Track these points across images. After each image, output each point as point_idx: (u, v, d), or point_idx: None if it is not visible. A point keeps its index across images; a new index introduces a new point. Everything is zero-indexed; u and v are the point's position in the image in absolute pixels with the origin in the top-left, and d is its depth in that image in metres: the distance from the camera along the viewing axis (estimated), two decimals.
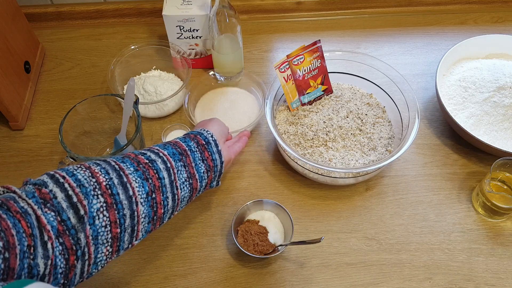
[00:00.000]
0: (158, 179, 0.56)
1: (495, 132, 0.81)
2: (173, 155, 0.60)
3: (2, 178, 0.84)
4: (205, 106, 0.90)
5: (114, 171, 0.53)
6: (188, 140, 0.64)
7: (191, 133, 0.66)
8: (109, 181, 0.52)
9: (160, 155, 0.59)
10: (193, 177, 0.61)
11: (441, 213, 0.78)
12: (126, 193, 0.52)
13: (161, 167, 0.57)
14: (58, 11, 1.07)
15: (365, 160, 0.78)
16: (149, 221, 0.56)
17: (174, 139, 0.64)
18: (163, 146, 0.61)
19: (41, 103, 0.95)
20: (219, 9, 0.80)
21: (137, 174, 0.55)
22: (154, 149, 0.60)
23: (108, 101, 0.82)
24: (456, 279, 0.71)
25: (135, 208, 0.53)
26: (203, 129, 0.67)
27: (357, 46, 1.03)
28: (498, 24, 1.07)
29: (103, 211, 0.50)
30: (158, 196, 0.56)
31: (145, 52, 0.94)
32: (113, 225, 0.51)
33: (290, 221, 0.72)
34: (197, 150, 0.63)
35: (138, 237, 0.55)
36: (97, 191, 0.50)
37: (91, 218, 0.49)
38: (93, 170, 0.52)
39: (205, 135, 0.66)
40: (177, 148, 0.61)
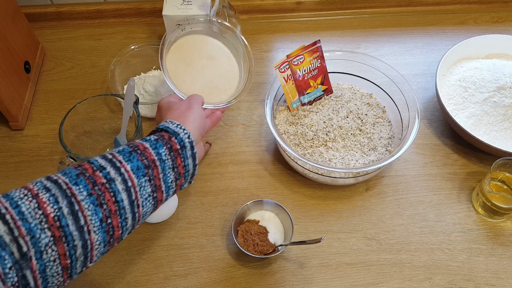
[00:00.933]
0: (115, 202, 0.51)
1: (495, 132, 0.81)
2: (137, 171, 0.53)
3: (2, 178, 0.84)
4: (180, 55, 0.77)
5: (65, 198, 0.48)
6: (160, 145, 0.56)
7: (167, 131, 0.58)
8: (57, 212, 0.47)
9: (121, 171, 0.52)
10: (159, 189, 0.56)
11: (441, 213, 0.78)
12: (77, 224, 0.48)
13: (120, 188, 0.51)
14: (58, 11, 1.07)
15: (365, 160, 0.78)
16: (105, 245, 0.52)
17: (144, 142, 0.56)
18: (129, 156, 0.54)
19: (41, 103, 0.95)
20: (219, 9, 0.80)
21: (90, 200, 0.49)
22: (117, 161, 0.53)
23: (108, 101, 0.82)
24: (456, 279, 0.71)
25: (87, 237, 0.49)
26: (180, 126, 0.59)
27: (357, 46, 1.03)
28: (498, 24, 1.07)
29: (52, 245, 0.46)
30: (115, 220, 0.51)
31: (145, 52, 0.94)
32: (63, 258, 0.47)
33: (290, 221, 0.72)
34: (169, 158, 0.56)
35: (92, 261, 0.51)
36: (43, 225, 0.46)
37: (38, 253, 0.45)
38: (40, 200, 0.47)
39: (182, 136, 0.58)
40: (143, 160, 0.54)
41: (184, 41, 0.79)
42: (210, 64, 0.78)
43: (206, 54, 0.79)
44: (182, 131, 0.59)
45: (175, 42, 0.78)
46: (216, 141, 0.88)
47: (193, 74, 0.76)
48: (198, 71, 0.77)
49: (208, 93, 0.75)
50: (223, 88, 0.78)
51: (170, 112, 0.63)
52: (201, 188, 0.82)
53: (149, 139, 0.57)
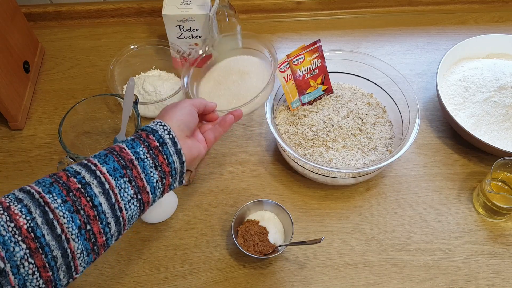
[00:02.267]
0: (93, 207, 0.49)
1: (496, 132, 0.80)
2: (113, 172, 0.51)
3: (2, 178, 0.84)
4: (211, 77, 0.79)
5: (38, 208, 0.46)
6: (136, 144, 0.54)
7: (143, 131, 0.56)
8: (31, 223, 0.45)
9: (96, 174, 0.50)
10: (143, 190, 0.53)
11: (442, 213, 0.78)
12: (53, 233, 0.46)
13: (96, 192, 0.49)
14: (58, 11, 1.06)
15: (366, 160, 0.78)
16: (88, 253, 0.49)
17: (120, 144, 0.54)
18: (104, 158, 0.52)
19: (41, 103, 0.94)
20: (219, 9, 0.80)
21: (65, 207, 0.47)
22: (92, 165, 0.51)
23: (107, 101, 0.81)
24: (457, 280, 0.71)
25: (67, 246, 0.47)
26: (159, 123, 0.56)
27: (357, 45, 1.03)
28: (498, 24, 1.07)
29: (28, 258, 0.44)
30: (95, 226, 0.49)
31: (145, 51, 0.94)
32: (42, 270, 0.45)
33: (290, 221, 0.71)
34: (148, 157, 0.53)
35: (78, 271, 0.49)
36: (17, 237, 0.44)
37: (15, 267, 0.43)
38: (12, 212, 0.45)
39: (160, 133, 0.55)
40: (120, 161, 0.52)
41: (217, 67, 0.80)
42: (240, 79, 0.77)
43: (237, 70, 0.79)
44: (161, 127, 0.56)
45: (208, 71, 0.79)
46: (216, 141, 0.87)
47: (221, 90, 0.76)
48: (227, 86, 0.77)
49: (233, 104, 0.74)
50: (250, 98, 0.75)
51: (162, 111, 0.61)
52: (201, 188, 0.81)
53: (126, 140, 0.55)
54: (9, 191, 0.84)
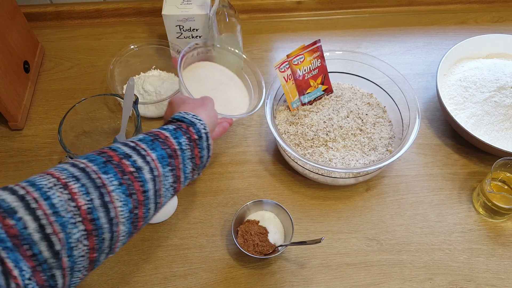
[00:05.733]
0: (143, 192, 0.49)
1: (496, 132, 0.80)
2: (161, 159, 0.52)
3: (2, 178, 0.84)
4: (194, 75, 0.81)
5: (96, 189, 0.45)
6: (179, 135, 0.55)
7: (182, 121, 0.57)
8: (89, 204, 0.44)
9: (147, 160, 0.50)
10: (178, 180, 0.55)
11: (442, 214, 0.78)
12: (108, 216, 0.45)
13: (148, 178, 0.50)
14: (58, 11, 1.06)
15: (366, 160, 0.78)
16: (128, 236, 0.50)
17: (163, 130, 0.55)
18: (151, 143, 0.52)
19: (41, 103, 0.94)
20: (219, 9, 0.80)
21: (120, 190, 0.47)
22: (141, 149, 0.51)
23: (107, 101, 0.81)
24: (457, 280, 0.71)
25: (116, 229, 0.47)
26: (196, 117, 0.58)
27: (357, 45, 1.03)
28: (498, 24, 1.07)
29: (83, 240, 0.43)
30: (141, 211, 0.49)
31: (145, 51, 0.94)
32: (91, 252, 0.45)
33: (290, 222, 0.71)
34: (188, 148, 0.55)
35: (113, 252, 0.49)
36: (76, 218, 0.43)
37: (69, 250, 0.42)
38: (71, 190, 0.43)
39: (199, 126, 0.57)
40: (166, 149, 0.53)
41: (200, 64, 0.82)
42: (220, 88, 0.80)
43: (218, 79, 0.82)
44: (198, 121, 0.58)
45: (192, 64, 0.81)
46: (216, 141, 0.87)
47: (204, 91, 0.77)
48: (208, 90, 0.78)
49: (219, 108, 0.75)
50: (233, 108, 0.79)
51: (184, 105, 0.62)
52: (201, 188, 0.81)
53: (168, 128, 0.55)
54: None
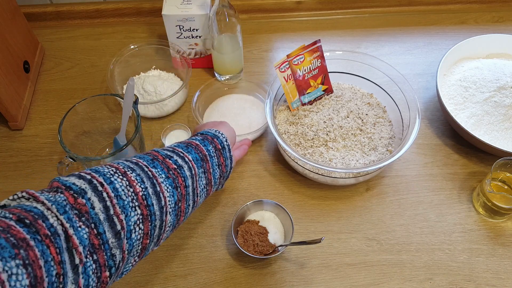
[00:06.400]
0: (185, 187, 0.55)
1: (496, 132, 0.80)
2: (196, 161, 0.58)
3: (2, 178, 0.84)
4: (215, 111, 0.89)
5: (148, 179, 0.50)
6: (207, 143, 0.62)
7: (207, 134, 0.65)
8: (144, 191, 0.49)
9: (186, 160, 0.57)
10: (210, 183, 0.61)
11: (442, 214, 0.78)
12: (159, 204, 0.50)
13: (188, 174, 0.56)
14: (58, 11, 1.06)
15: (366, 160, 0.78)
16: (172, 228, 0.55)
17: (193, 140, 0.63)
18: (186, 148, 0.59)
19: (41, 103, 0.94)
20: (219, 9, 0.80)
21: (168, 182, 0.53)
22: (179, 152, 0.58)
23: (107, 101, 0.81)
24: (457, 280, 0.71)
25: (164, 218, 0.51)
26: (218, 131, 0.66)
27: (357, 45, 1.03)
28: (498, 24, 1.07)
29: (140, 223, 0.48)
30: (183, 205, 0.55)
31: (145, 51, 0.94)
32: (145, 237, 0.49)
33: (290, 221, 0.71)
34: (215, 155, 0.62)
35: (158, 243, 0.54)
36: (134, 203, 0.48)
37: (128, 232, 0.46)
38: (130, 178, 0.49)
39: (221, 138, 0.65)
40: (199, 153, 0.60)
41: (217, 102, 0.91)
42: (241, 113, 0.89)
43: (238, 106, 0.90)
44: (220, 135, 0.65)
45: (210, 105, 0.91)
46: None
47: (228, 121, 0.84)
48: (231, 118, 0.87)
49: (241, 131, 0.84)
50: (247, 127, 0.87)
51: (205, 126, 0.69)
52: None
53: (196, 138, 0.63)
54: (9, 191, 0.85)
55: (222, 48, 0.87)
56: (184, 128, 0.83)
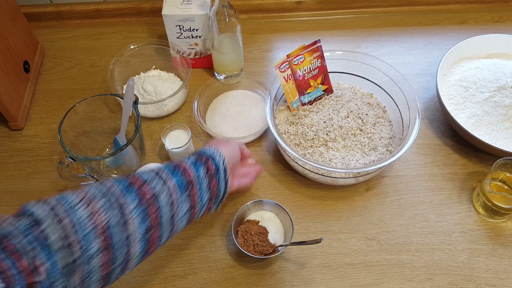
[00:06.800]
0: (159, 217, 0.54)
1: (496, 132, 0.80)
2: (180, 186, 0.57)
3: (2, 178, 0.84)
4: (216, 111, 0.89)
5: (117, 207, 0.50)
6: (199, 165, 0.60)
7: (204, 154, 0.63)
8: (108, 221, 0.49)
9: (167, 184, 0.56)
10: (194, 208, 0.59)
11: (442, 214, 0.78)
12: (124, 233, 0.50)
13: (164, 203, 0.54)
14: (58, 11, 1.06)
15: (366, 160, 0.78)
16: (141, 257, 0.54)
17: (185, 161, 0.61)
18: (172, 171, 0.58)
19: (41, 103, 0.94)
20: (219, 9, 0.80)
21: (139, 211, 0.52)
22: (162, 176, 0.56)
23: (107, 101, 0.81)
24: (457, 280, 0.71)
25: (130, 248, 0.51)
26: (216, 151, 0.63)
27: (357, 45, 1.03)
28: (498, 24, 1.07)
29: (99, 253, 0.47)
30: (155, 234, 0.54)
31: (145, 51, 0.94)
32: (105, 266, 0.49)
33: (290, 221, 0.71)
34: (206, 177, 0.60)
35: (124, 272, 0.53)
36: (96, 232, 0.47)
37: (87, 262, 0.47)
38: (95, 206, 0.49)
39: (217, 160, 0.62)
40: (186, 177, 0.58)
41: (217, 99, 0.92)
42: (242, 111, 0.89)
43: (237, 103, 0.90)
44: (217, 155, 0.63)
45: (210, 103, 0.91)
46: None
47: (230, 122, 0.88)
48: (233, 119, 0.88)
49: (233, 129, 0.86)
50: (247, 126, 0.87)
51: (209, 143, 0.68)
52: None
53: (189, 159, 0.61)
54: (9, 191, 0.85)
55: (222, 48, 0.87)
56: (184, 128, 0.83)
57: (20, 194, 0.81)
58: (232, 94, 0.92)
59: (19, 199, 0.81)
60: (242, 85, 0.93)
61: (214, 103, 0.91)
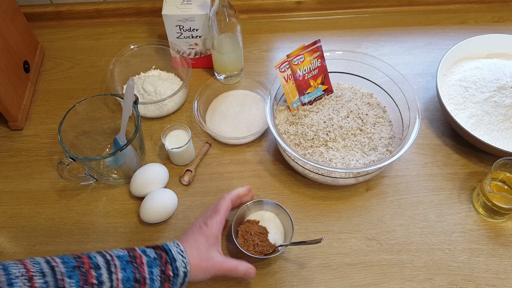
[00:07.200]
0: None
1: (496, 132, 0.80)
2: (126, 281, 0.54)
3: (2, 178, 0.84)
4: (216, 111, 0.89)
5: None
6: (155, 265, 0.57)
7: (168, 254, 0.59)
8: None
9: (112, 277, 0.54)
10: None
11: (442, 213, 0.78)
12: None
13: None
14: (58, 11, 1.06)
15: (366, 160, 0.78)
16: None
17: (144, 255, 0.58)
18: (125, 263, 0.56)
19: (41, 103, 0.94)
20: (219, 9, 0.80)
21: None
22: (112, 266, 0.55)
23: (107, 101, 0.81)
24: (457, 280, 0.71)
25: None
26: (181, 253, 0.60)
27: (357, 45, 1.03)
28: (498, 24, 1.07)
29: None
30: None
31: (145, 51, 0.94)
32: None
33: (290, 221, 0.71)
34: (159, 280, 0.57)
35: None
36: None
37: None
38: (33, 284, 0.48)
39: (178, 264, 0.59)
40: (136, 274, 0.55)
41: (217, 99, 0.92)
42: (241, 111, 0.89)
43: (237, 103, 0.90)
44: (180, 258, 0.60)
45: (211, 103, 0.91)
46: (216, 141, 0.88)
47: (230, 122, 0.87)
48: (233, 119, 0.88)
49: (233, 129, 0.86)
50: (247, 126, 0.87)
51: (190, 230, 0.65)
52: (201, 188, 0.81)
53: (149, 255, 0.58)
54: (9, 191, 0.84)
55: (222, 48, 0.87)
56: (184, 128, 0.83)
57: (20, 194, 0.82)
58: (232, 94, 0.92)
59: (19, 199, 0.81)
60: (242, 85, 0.93)
61: (214, 103, 0.91)
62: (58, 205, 0.80)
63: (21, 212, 0.79)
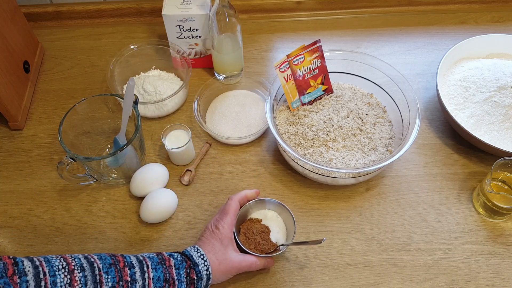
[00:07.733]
0: None
1: (496, 132, 0.80)
2: (157, 281, 0.58)
3: (2, 178, 0.84)
4: (216, 111, 0.89)
5: (93, 283, 0.53)
6: (182, 267, 0.61)
7: (189, 257, 0.63)
8: None
9: (145, 276, 0.57)
10: None
11: (442, 214, 0.78)
12: None
13: None
14: (58, 11, 1.06)
15: (366, 160, 0.78)
16: None
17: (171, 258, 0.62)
18: (156, 263, 0.60)
19: (41, 103, 0.94)
20: (219, 9, 0.80)
21: None
22: (145, 265, 0.58)
23: (107, 101, 0.81)
24: (457, 280, 0.71)
25: None
26: (203, 258, 0.63)
27: (357, 45, 1.03)
28: (498, 24, 1.07)
29: None
30: None
31: (145, 51, 0.94)
32: None
33: (292, 221, 0.71)
34: (185, 282, 0.61)
35: None
36: None
37: None
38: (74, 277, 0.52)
39: (201, 268, 0.62)
40: (166, 274, 0.59)
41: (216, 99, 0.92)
42: (242, 111, 0.89)
43: (237, 103, 0.90)
44: (202, 262, 0.62)
45: (211, 103, 0.92)
46: (216, 141, 0.88)
47: (230, 123, 0.87)
48: (233, 118, 0.88)
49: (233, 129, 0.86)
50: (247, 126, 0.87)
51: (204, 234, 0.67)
52: (201, 188, 0.81)
53: (177, 258, 0.62)
54: (9, 191, 0.85)
55: (222, 48, 0.87)
56: (184, 128, 0.83)
57: (20, 194, 0.82)
58: (232, 94, 0.92)
59: (19, 199, 0.81)
60: (242, 85, 0.93)
61: (214, 103, 0.91)
62: (58, 205, 0.80)
63: (21, 212, 0.79)
